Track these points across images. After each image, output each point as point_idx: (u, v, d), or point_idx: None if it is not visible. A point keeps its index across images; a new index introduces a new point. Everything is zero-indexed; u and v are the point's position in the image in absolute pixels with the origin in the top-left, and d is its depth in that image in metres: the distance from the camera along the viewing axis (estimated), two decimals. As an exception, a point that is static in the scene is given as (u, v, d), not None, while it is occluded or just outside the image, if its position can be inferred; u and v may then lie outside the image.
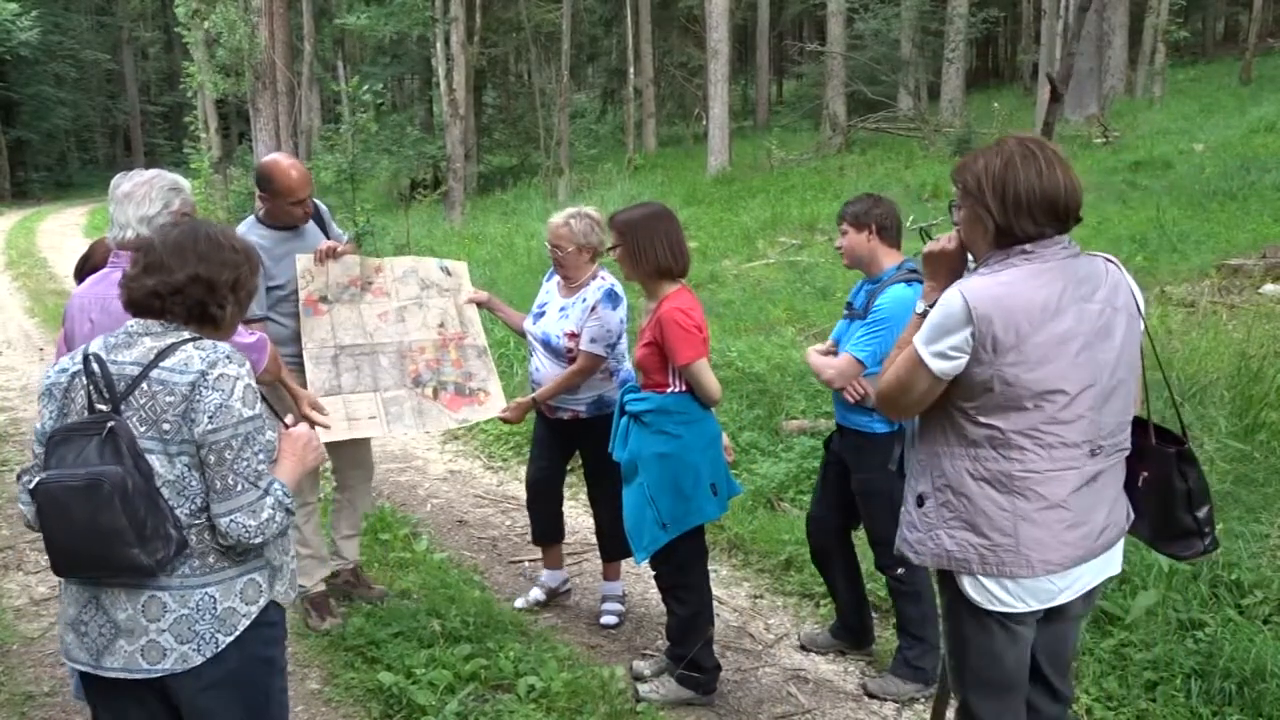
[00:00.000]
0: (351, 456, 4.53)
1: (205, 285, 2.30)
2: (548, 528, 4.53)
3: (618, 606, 4.43)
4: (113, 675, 2.27)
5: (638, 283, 3.76)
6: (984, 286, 2.31)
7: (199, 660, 2.25)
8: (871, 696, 3.78)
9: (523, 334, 4.36)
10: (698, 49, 26.28)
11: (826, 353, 3.74)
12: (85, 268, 3.41)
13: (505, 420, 4.31)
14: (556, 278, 4.23)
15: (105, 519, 2.11)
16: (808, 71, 29.34)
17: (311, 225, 4.30)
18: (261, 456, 2.25)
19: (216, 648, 2.26)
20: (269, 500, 2.24)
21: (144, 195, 3.02)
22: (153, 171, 3.13)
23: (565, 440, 4.34)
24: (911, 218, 2.65)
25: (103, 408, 2.20)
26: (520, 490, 6.16)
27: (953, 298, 2.32)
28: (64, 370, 2.30)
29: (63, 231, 22.90)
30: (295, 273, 4.13)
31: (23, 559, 5.16)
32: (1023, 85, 28.01)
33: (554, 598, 4.60)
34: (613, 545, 4.29)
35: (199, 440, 2.19)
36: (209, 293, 2.31)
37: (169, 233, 2.37)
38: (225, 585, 2.27)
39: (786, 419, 6.27)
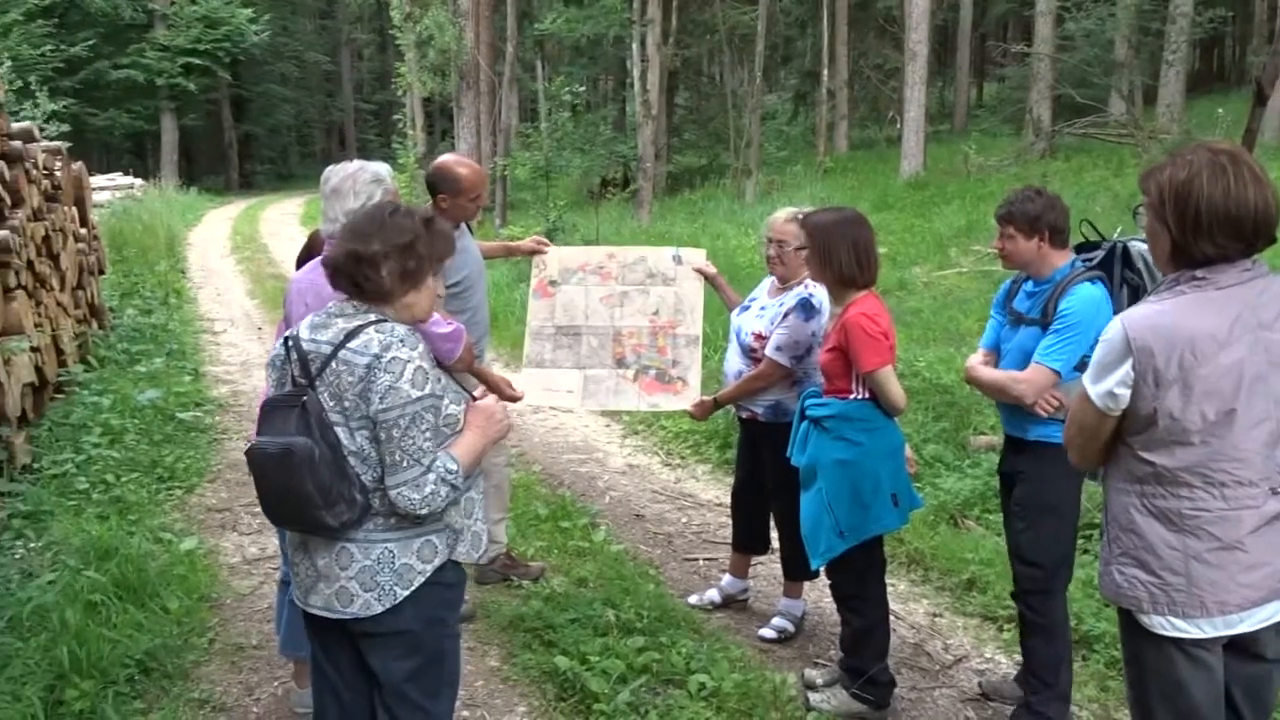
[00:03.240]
0: None
1: (354, 258, 2.44)
2: (746, 537, 4.52)
3: (785, 625, 4.30)
4: (315, 613, 2.52)
5: (823, 286, 3.73)
6: (1144, 316, 2.19)
7: (379, 609, 2.45)
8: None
9: None
10: (895, 50, 25.68)
11: (984, 364, 3.51)
12: (305, 256, 3.66)
13: (691, 415, 4.37)
14: (773, 278, 4.20)
15: (295, 484, 2.33)
16: (1011, 74, 28.18)
17: (465, 226, 4.46)
18: (428, 434, 2.39)
19: (394, 599, 2.45)
20: (431, 476, 2.39)
21: (349, 190, 3.23)
22: (356, 164, 3.32)
23: (754, 443, 4.31)
24: (1134, 209, 2.45)
25: (302, 382, 2.41)
26: (697, 489, 6.21)
27: (1113, 329, 2.22)
28: (282, 344, 2.53)
29: (282, 220, 24.55)
30: (469, 269, 4.30)
31: (238, 520, 5.59)
32: (1251, 90, 26.00)
33: (730, 603, 4.59)
34: (796, 564, 4.15)
35: (373, 417, 2.36)
36: (357, 264, 2.44)
37: (356, 217, 2.56)
38: (403, 544, 2.46)
39: (974, 434, 6.07)
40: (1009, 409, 3.47)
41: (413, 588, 2.47)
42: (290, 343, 2.48)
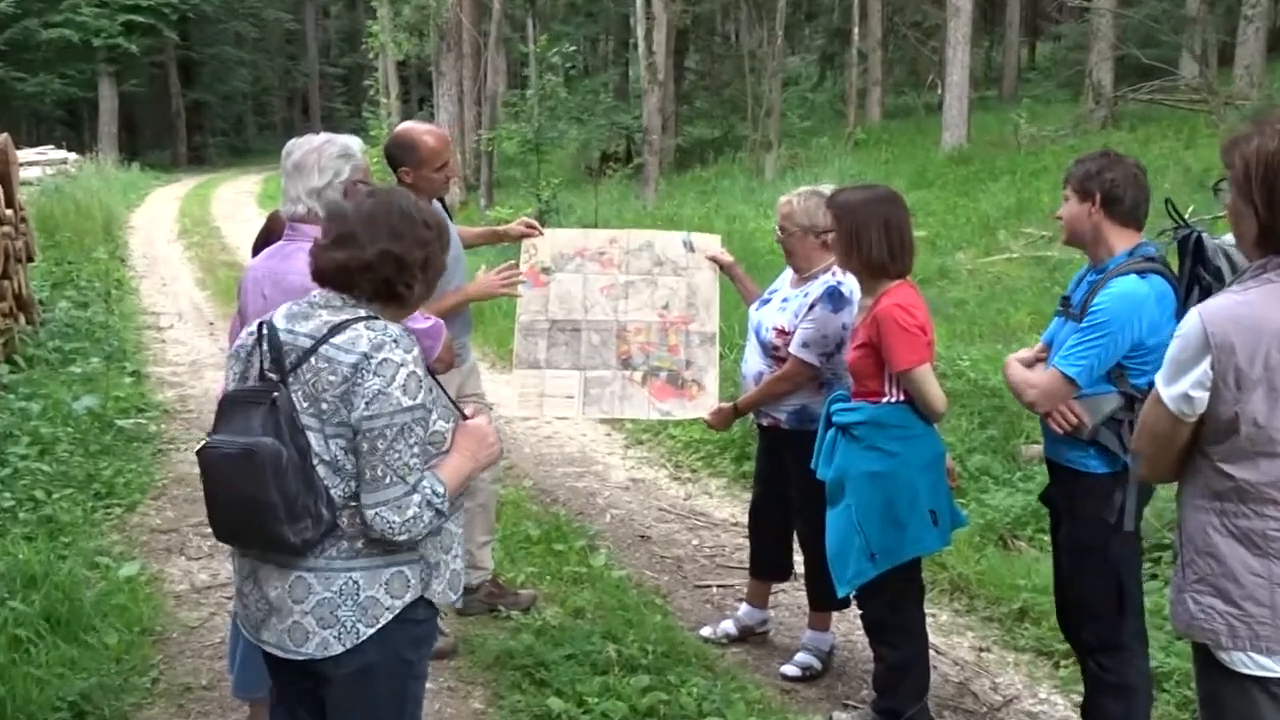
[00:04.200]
0: None
1: (395, 262, 2.45)
2: (765, 562, 4.52)
3: (811, 661, 4.26)
4: (268, 650, 2.51)
5: (852, 274, 3.73)
6: (1225, 307, 2.17)
7: (339, 649, 2.42)
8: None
9: None
10: (935, 6, 25.65)
11: (1033, 362, 3.41)
12: (263, 240, 3.65)
13: (708, 424, 4.37)
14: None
15: (257, 491, 2.30)
16: (1067, 32, 28.14)
17: (439, 205, 4.46)
18: (416, 450, 2.38)
19: (357, 638, 2.42)
20: (416, 498, 2.37)
21: (313, 165, 3.19)
22: (322, 137, 3.30)
23: (776, 454, 4.31)
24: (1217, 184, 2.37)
25: (273, 376, 2.40)
26: (710, 506, 6.21)
27: (1189, 322, 2.20)
28: (251, 333, 2.51)
29: (237, 200, 24.61)
30: (455, 253, 4.27)
31: (185, 543, 5.59)
32: (1342, 49, 25.95)
33: (748, 636, 4.58)
34: (823, 591, 4.11)
35: (354, 425, 2.35)
36: (399, 271, 2.46)
37: (363, 203, 2.54)
38: (371, 574, 2.43)
39: (1026, 443, 6.06)
40: (1045, 425, 3.37)
41: (379, 625, 2.43)
42: (263, 331, 2.46)
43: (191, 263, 15.51)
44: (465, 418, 2.62)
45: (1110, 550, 3.23)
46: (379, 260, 2.44)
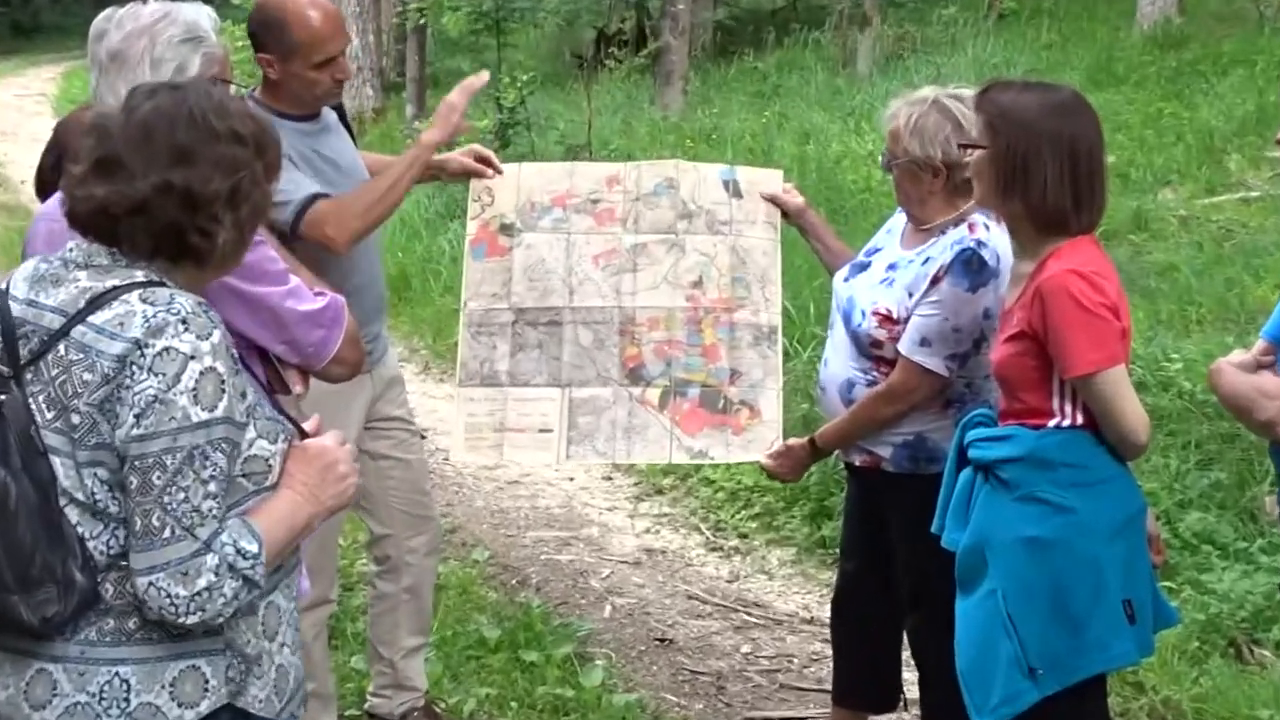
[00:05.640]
0: (404, 500, 4.72)
1: (183, 198, 2.44)
2: (857, 682, 4.52)
3: None
4: None
5: (1004, 222, 3.73)
6: None
7: None
8: None
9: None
10: None
11: (1256, 366, 3.52)
12: (51, 168, 3.62)
13: (770, 473, 4.36)
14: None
15: None
16: None
17: (335, 118, 4.50)
18: (213, 488, 2.39)
19: None
20: (210, 560, 2.37)
21: (140, 54, 3.20)
22: (155, 8, 3.30)
23: (875, 510, 4.30)
24: None
25: (3, 369, 2.42)
26: (768, 592, 6.23)
27: None
28: None
29: (21, 106, 24.69)
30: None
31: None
32: None
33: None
34: (944, 706, 4.11)
35: (120, 448, 2.36)
36: (189, 211, 2.45)
37: (136, 110, 2.52)
38: (147, 669, 2.44)
39: (1272, 492, 6.04)
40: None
41: None
42: None
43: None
44: (303, 435, 2.64)
45: None
46: (157, 196, 2.43)
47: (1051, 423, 3.54)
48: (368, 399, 4.40)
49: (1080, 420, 3.52)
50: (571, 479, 7.52)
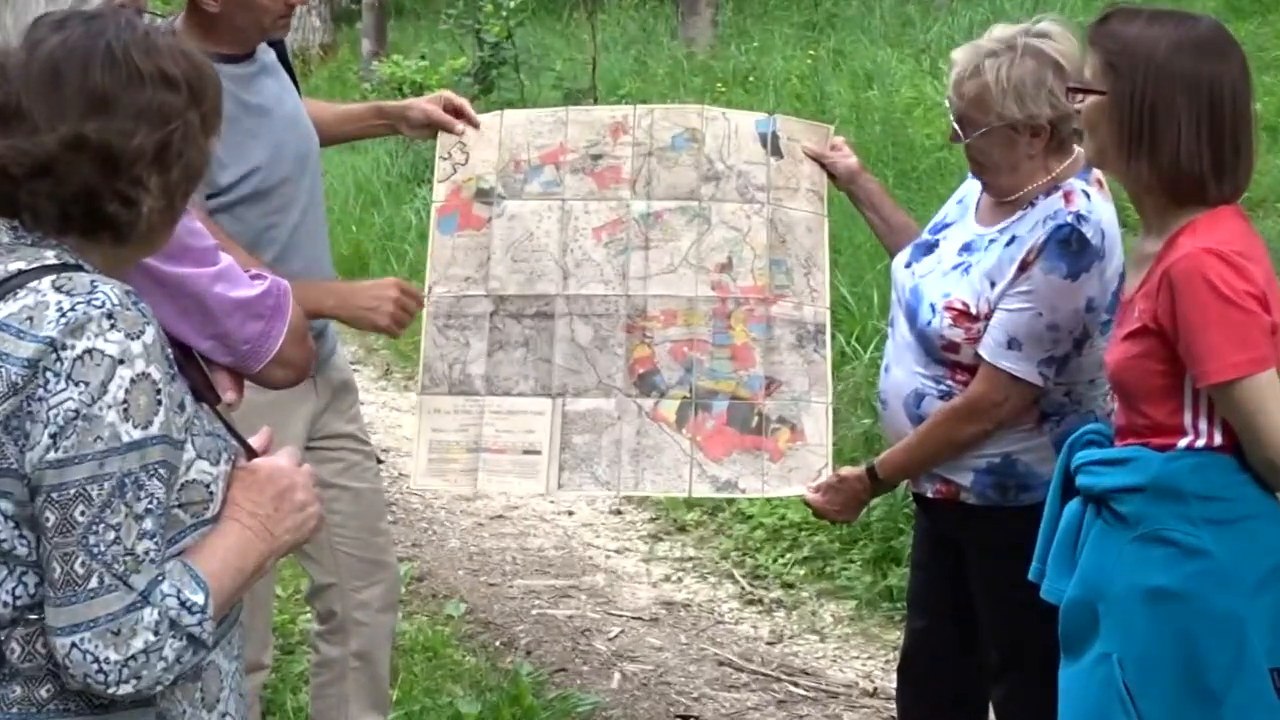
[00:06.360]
0: (353, 541, 4.71)
1: (99, 155, 2.43)
2: None
3: None
4: None
5: (1125, 188, 3.71)
6: None
7: None
8: None
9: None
10: None
11: None
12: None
13: (818, 511, 4.35)
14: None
15: None
16: None
17: (272, 57, 4.52)
18: (148, 526, 2.38)
19: None
20: (148, 615, 2.37)
21: None
22: None
23: (951, 553, 4.32)
24: None
25: None
26: (819, 656, 6.24)
27: None
28: None
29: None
30: (275, 153, 4.31)
31: None
32: None
33: None
34: None
35: (31, 476, 2.35)
36: (106, 172, 2.44)
37: (40, 46, 2.51)
38: None
39: None
40: None
41: None
42: None
43: None
44: (251, 454, 2.66)
45: None
46: (66, 153, 2.42)
47: (1182, 443, 3.53)
48: (311, 410, 4.38)
49: (1219, 440, 3.52)
50: (571, 513, 7.55)
